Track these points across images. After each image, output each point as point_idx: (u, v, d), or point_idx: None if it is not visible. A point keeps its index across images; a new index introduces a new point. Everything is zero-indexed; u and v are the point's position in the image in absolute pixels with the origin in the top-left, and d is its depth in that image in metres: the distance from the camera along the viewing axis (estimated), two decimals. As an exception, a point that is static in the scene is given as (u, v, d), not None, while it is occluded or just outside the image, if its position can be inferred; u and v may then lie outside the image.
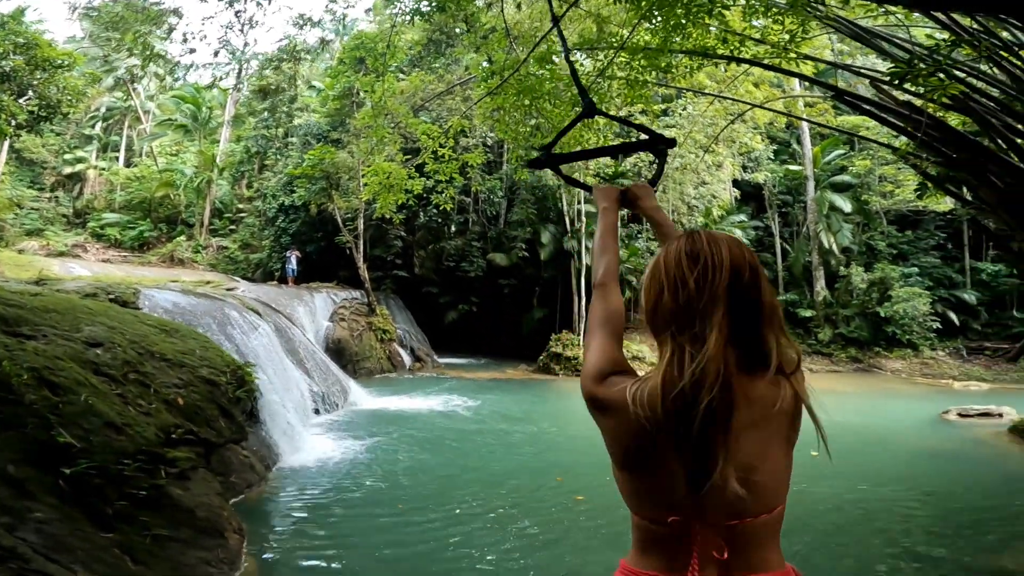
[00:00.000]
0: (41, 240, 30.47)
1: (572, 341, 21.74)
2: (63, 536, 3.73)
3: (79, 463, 4.27)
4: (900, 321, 22.05)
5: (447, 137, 11.47)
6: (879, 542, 6.60)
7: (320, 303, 20.04)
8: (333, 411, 13.27)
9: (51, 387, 4.81)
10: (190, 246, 31.03)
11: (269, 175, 29.98)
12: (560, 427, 12.56)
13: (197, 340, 8.48)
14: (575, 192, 22.83)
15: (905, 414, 14.57)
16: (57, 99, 14.99)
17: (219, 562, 4.80)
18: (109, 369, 6.00)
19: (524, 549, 6.29)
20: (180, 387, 6.83)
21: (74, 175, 36.58)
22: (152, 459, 5.08)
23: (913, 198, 22.80)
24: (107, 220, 33.20)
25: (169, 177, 32.75)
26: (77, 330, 6.37)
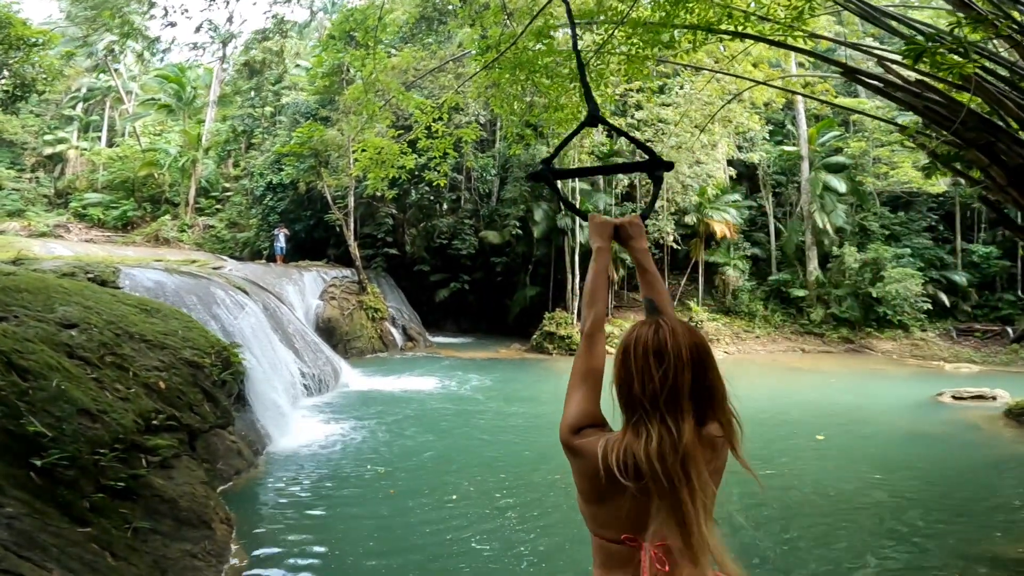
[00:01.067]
0: (22, 221, 29.93)
1: (565, 320, 21.62)
2: (35, 532, 3.49)
3: (51, 453, 4.01)
4: (892, 302, 22.07)
5: (441, 112, 11.13)
6: (870, 527, 6.55)
7: (309, 282, 19.71)
8: (324, 393, 13.06)
9: (20, 372, 4.51)
10: (175, 225, 30.67)
11: (256, 154, 29.60)
12: (555, 408, 12.42)
13: (180, 320, 8.18)
14: (568, 167, 22.59)
15: (897, 396, 14.58)
16: (32, 78, 14.63)
17: (206, 554, 4.59)
18: (84, 352, 5.70)
19: (518, 533, 6.17)
20: (161, 370, 6.54)
21: (55, 156, 36.03)
22: (131, 448, 4.83)
23: (907, 179, 22.88)
24: (89, 200, 32.72)
25: (152, 157, 32.28)
26: (50, 310, 6.05)
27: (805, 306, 23.99)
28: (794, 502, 7.22)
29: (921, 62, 5.73)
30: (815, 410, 12.80)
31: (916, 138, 7.84)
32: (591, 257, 1.72)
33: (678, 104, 20.48)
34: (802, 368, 19.33)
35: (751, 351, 22.31)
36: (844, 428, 11.17)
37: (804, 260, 24.68)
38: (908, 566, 5.62)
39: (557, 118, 9.84)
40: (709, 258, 24.84)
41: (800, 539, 6.15)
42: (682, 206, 23.96)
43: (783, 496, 7.40)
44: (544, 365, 19.27)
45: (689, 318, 23.07)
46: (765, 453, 9.38)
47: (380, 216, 24.02)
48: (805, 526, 6.49)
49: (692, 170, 23.35)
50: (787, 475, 8.23)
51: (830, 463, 8.91)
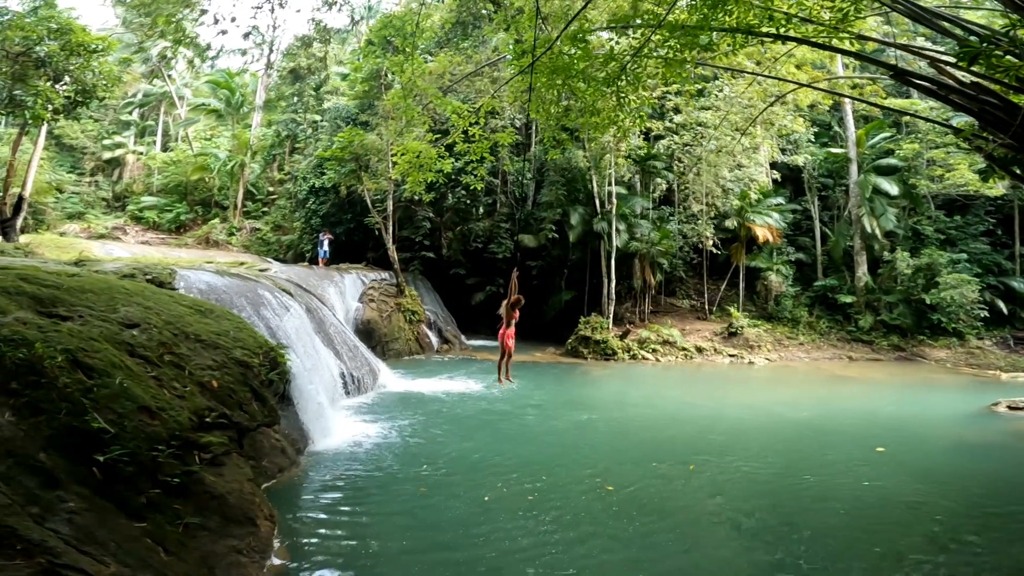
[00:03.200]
0: (82, 223, 31.65)
1: (601, 324, 21.51)
2: (94, 527, 3.67)
3: (112, 449, 4.23)
4: (947, 309, 21.16)
5: (478, 116, 11.28)
6: (917, 542, 6.34)
7: (350, 284, 20.14)
8: (363, 393, 13.34)
9: (85, 370, 4.78)
10: (224, 228, 31.94)
11: (299, 158, 30.58)
12: (589, 414, 12.40)
13: (231, 321, 8.49)
14: (605, 173, 22.65)
15: (950, 406, 14.01)
16: (92, 84, 15.09)
17: (250, 550, 4.76)
18: (144, 351, 5.97)
19: (549, 535, 6.19)
20: (214, 369, 6.78)
21: (113, 160, 37.88)
22: (185, 445, 5.03)
23: (963, 182, 21.97)
24: (145, 203, 34.39)
25: (203, 161, 33.68)
26: (114, 311, 6.38)
27: (853, 312, 23.19)
28: (835, 515, 7.03)
29: (976, 64, 5.57)
30: (868, 421, 12.40)
31: (972, 141, 7.54)
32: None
33: (718, 107, 20.12)
34: (850, 377, 18.71)
35: (794, 358, 21.70)
36: (898, 439, 10.75)
37: (852, 265, 23.88)
38: None
39: (593, 122, 9.85)
40: (750, 263, 24.29)
41: (839, 554, 5.98)
42: (722, 210, 23.55)
43: (821, 508, 7.24)
44: (580, 370, 19.20)
45: (728, 324, 22.65)
46: (822, 464, 9.20)
47: (418, 219, 24.38)
48: (846, 539, 6.33)
49: (733, 173, 23.01)
50: (842, 486, 8.05)
51: (886, 475, 8.61)
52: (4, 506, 3.28)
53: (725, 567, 5.73)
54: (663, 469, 8.79)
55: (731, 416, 12.78)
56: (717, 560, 5.85)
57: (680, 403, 14.47)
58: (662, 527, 6.54)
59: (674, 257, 24.03)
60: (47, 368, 4.38)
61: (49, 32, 13.87)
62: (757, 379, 18.71)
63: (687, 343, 21.76)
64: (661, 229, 23.58)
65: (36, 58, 13.86)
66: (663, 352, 21.21)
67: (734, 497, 7.71)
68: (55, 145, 35.67)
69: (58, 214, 31.63)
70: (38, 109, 14.08)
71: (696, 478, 8.35)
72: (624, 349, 20.97)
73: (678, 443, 10.47)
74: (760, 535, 6.47)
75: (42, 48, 13.81)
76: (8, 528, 3.17)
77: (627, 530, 6.39)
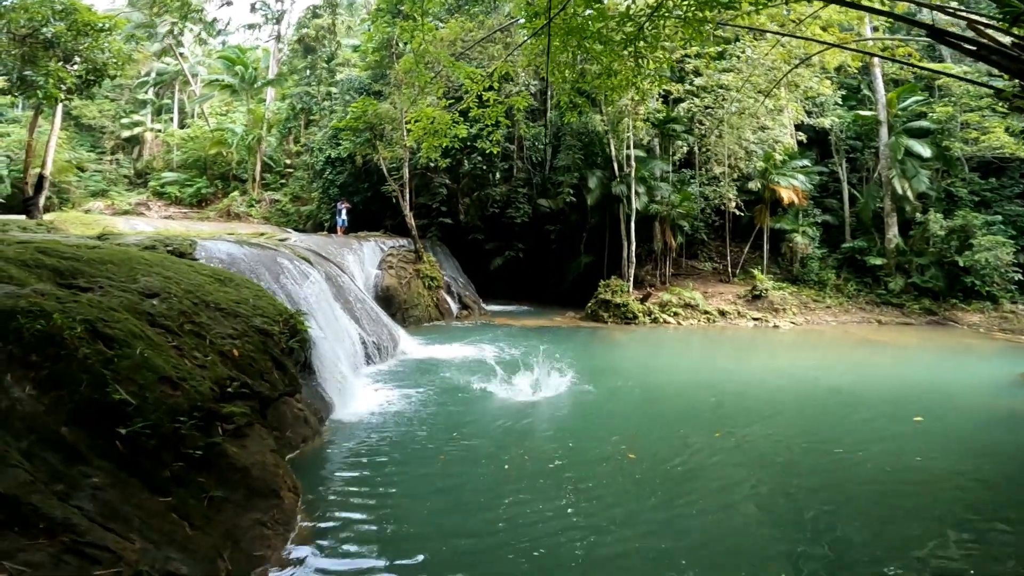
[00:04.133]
0: (106, 200, 32.64)
1: (621, 287, 21.33)
2: (118, 503, 3.63)
3: (134, 422, 4.17)
4: (980, 271, 20.52)
5: (491, 81, 10.98)
6: (936, 521, 6.04)
7: (368, 252, 20.10)
8: (384, 360, 13.36)
9: (105, 340, 4.71)
10: (244, 201, 32.57)
11: (315, 130, 30.91)
12: (610, 379, 12.28)
13: (250, 289, 8.44)
14: (623, 137, 22.17)
15: (983, 373, 13.62)
16: (103, 63, 15.26)
17: (274, 523, 4.73)
18: (165, 320, 5.91)
19: (572, 503, 6.10)
20: (234, 338, 6.73)
21: (132, 138, 38.65)
22: (208, 416, 4.98)
23: (999, 145, 21.30)
24: (166, 179, 35.21)
25: (220, 136, 34.30)
26: (133, 281, 6.33)
27: (882, 275, 22.59)
28: (853, 487, 6.85)
29: (1017, 25, 5.39)
30: (901, 387, 12.07)
31: (1012, 101, 7.13)
32: None
33: (740, 70, 19.39)
34: (880, 341, 18.28)
35: (820, 322, 21.30)
36: (932, 408, 10.38)
37: (882, 227, 23.16)
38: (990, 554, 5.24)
39: (610, 85, 9.50)
40: (775, 225, 23.69)
41: (860, 528, 5.83)
42: (745, 172, 23.03)
43: (839, 479, 7.09)
44: (600, 333, 19.07)
45: (752, 287, 22.27)
46: (855, 433, 8.96)
47: (434, 186, 24.28)
48: (866, 512, 6.13)
49: (756, 135, 22.48)
50: (877, 457, 7.79)
51: (923, 447, 8.31)
52: (26, 483, 3.23)
53: (750, 542, 5.57)
54: (687, 437, 8.63)
55: (757, 381, 12.56)
56: (741, 534, 5.70)
57: (704, 368, 14.29)
58: (684, 497, 6.41)
59: (695, 220, 23.63)
60: (67, 339, 4.31)
61: (54, 13, 13.93)
62: (783, 343, 18.40)
63: (709, 306, 21.45)
64: (682, 192, 23.07)
65: (44, 39, 13.94)
66: (685, 316, 20.96)
67: (762, 468, 7.51)
68: (74, 126, 36.52)
69: (82, 192, 32.63)
70: (50, 89, 14.22)
71: (721, 446, 8.19)
72: (645, 313, 20.76)
73: (702, 409, 10.31)
74: (790, 512, 6.29)
75: (48, 29, 13.84)
76: (31, 506, 3.12)
77: (648, 500, 6.28)
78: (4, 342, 3.99)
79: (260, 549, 4.56)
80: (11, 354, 3.94)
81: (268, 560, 4.56)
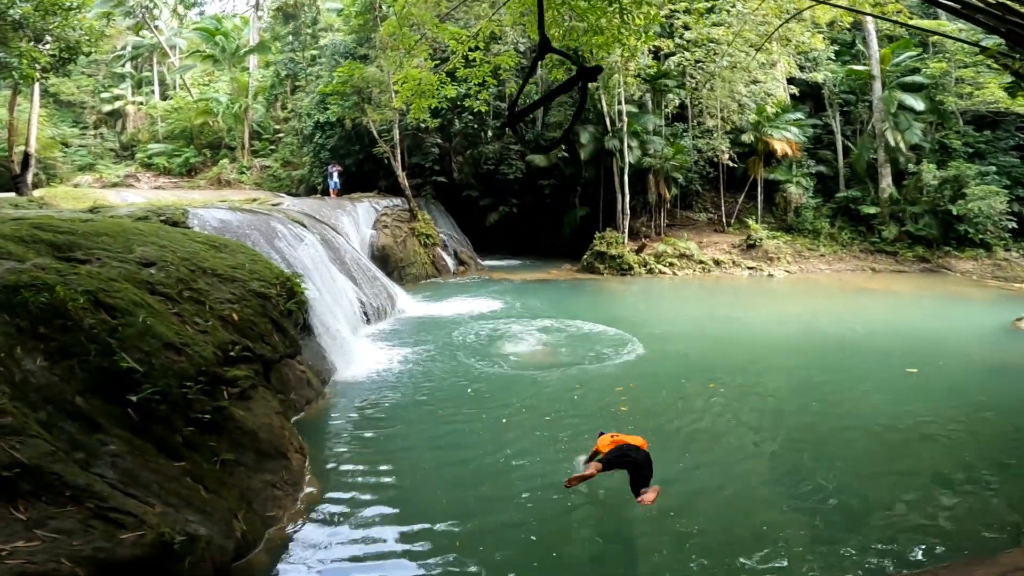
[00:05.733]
0: (93, 174, 32.24)
1: (616, 239, 21.54)
2: (137, 469, 3.78)
3: (144, 388, 4.31)
4: (973, 220, 20.67)
5: (477, 41, 10.87)
6: (928, 469, 6.20)
7: (363, 212, 20.04)
8: (382, 320, 13.52)
9: (108, 310, 4.81)
10: (234, 168, 32.38)
11: (302, 95, 30.58)
12: (606, 328, 12.46)
13: (245, 254, 8.50)
14: (615, 92, 22.10)
15: (976, 321, 13.81)
16: (76, 41, 15.26)
17: (284, 484, 4.93)
18: (164, 288, 6.00)
19: (566, 456, 6.23)
20: (233, 302, 6.81)
21: (114, 112, 38.06)
22: (213, 380, 5.13)
23: (993, 99, 21.37)
24: (153, 150, 34.81)
25: (205, 106, 33.96)
26: (129, 251, 6.39)
27: (876, 224, 22.69)
28: (842, 438, 7.04)
29: None
30: (894, 336, 12.23)
31: (998, 59, 7.05)
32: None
33: (730, 24, 19.08)
34: (874, 289, 18.51)
35: (815, 270, 21.53)
36: (925, 357, 10.50)
37: (876, 177, 23.22)
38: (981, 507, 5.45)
39: (597, 42, 9.44)
40: (769, 175, 23.66)
41: (850, 480, 6.05)
42: (738, 125, 23.10)
43: (831, 429, 7.28)
44: (596, 284, 19.28)
45: (747, 236, 22.45)
46: (849, 383, 9.12)
47: (426, 146, 24.29)
48: (851, 465, 6.29)
49: (749, 89, 22.52)
50: (872, 408, 7.92)
51: (889, 396, 8.49)
52: (49, 453, 3.36)
53: (744, 492, 5.76)
54: (681, 388, 8.84)
55: (751, 332, 12.77)
56: (729, 485, 5.81)
57: (699, 317, 14.47)
58: (678, 449, 6.59)
59: (689, 172, 23.67)
60: (71, 311, 4.41)
61: None
62: (777, 292, 18.64)
63: (704, 256, 21.65)
64: (675, 145, 23.00)
65: (12, 20, 13.78)
66: (680, 265, 21.19)
67: (752, 420, 7.69)
68: (53, 103, 35.85)
69: (68, 167, 32.26)
70: (25, 69, 14.17)
71: (717, 396, 8.36)
72: (640, 263, 20.98)
73: (696, 359, 10.50)
74: (785, 463, 6.45)
75: (16, 11, 13.69)
76: (55, 475, 3.26)
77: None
78: (11, 316, 4.08)
79: (272, 510, 4.78)
80: (19, 327, 4.04)
81: (280, 520, 4.76)
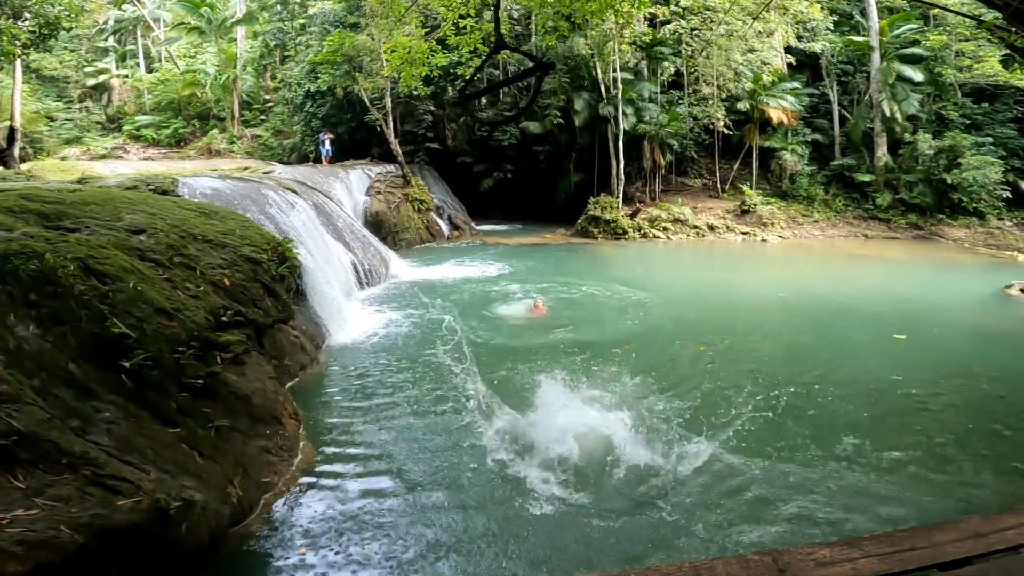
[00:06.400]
0: (81, 146, 31.80)
1: (610, 204, 21.55)
2: (132, 435, 3.80)
3: (136, 354, 4.33)
4: (968, 188, 20.69)
5: (467, 8, 10.65)
6: (915, 436, 6.21)
7: (356, 179, 19.89)
8: (375, 284, 13.55)
9: (98, 276, 4.80)
10: (224, 138, 32.08)
11: (292, 65, 30.22)
12: (598, 291, 12.53)
13: (236, 220, 8.46)
14: (609, 60, 21.94)
15: (966, 287, 13.92)
16: (56, 16, 15.15)
17: (279, 449, 4.99)
18: (154, 254, 5.98)
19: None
20: (224, 268, 6.80)
21: (99, 86, 37.45)
22: (205, 345, 5.15)
23: (992, 72, 21.45)
24: (141, 122, 34.37)
25: (192, 78, 33.51)
26: (118, 219, 6.35)
27: (871, 191, 22.74)
28: (831, 406, 7.07)
29: None
30: (884, 301, 12.30)
31: (995, 32, 6.97)
32: None
33: None
34: (866, 255, 18.60)
35: (808, 236, 21.63)
36: (915, 324, 10.55)
37: (871, 146, 23.23)
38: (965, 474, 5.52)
39: (590, 8, 9.32)
40: (764, 143, 23.57)
41: (847, 446, 6.11)
42: (734, 93, 23.07)
43: (817, 396, 7.32)
44: (590, 248, 19.37)
45: (741, 202, 22.55)
46: (840, 347, 9.18)
47: (419, 114, 24.18)
48: (844, 431, 6.31)
49: (745, 57, 22.55)
50: (865, 373, 7.95)
51: (879, 362, 8.53)
52: (44, 420, 3.37)
53: (725, 455, 5.77)
54: (672, 349, 8.89)
55: (742, 295, 12.85)
56: (725, 446, 5.80)
57: (692, 281, 14.56)
58: (672, 410, 6.59)
59: (684, 138, 23.54)
60: (62, 277, 4.41)
61: None
62: (770, 257, 18.76)
63: (699, 221, 21.69)
64: (670, 112, 22.78)
65: None
66: (674, 230, 21.26)
67: (740, 384, 7.63)
68: (36, 78, 35.24)
69: (55, 141, 31.81)
70: (5, 46, 14.06)
71: (705, 360, 8.42)
72: (635, 228, 21.03)
73: (691, 321, 10.58)
74: (776, 431, 6.36)
75: None
76: (52, 443, 3.29)
77: (650, 391, 6.72)
78: (2, 284, 4.06)
79: (267, 475, 4.85)
80: (11, 295, 4.03)
81: (275, 486, 4.83)
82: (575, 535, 4.45)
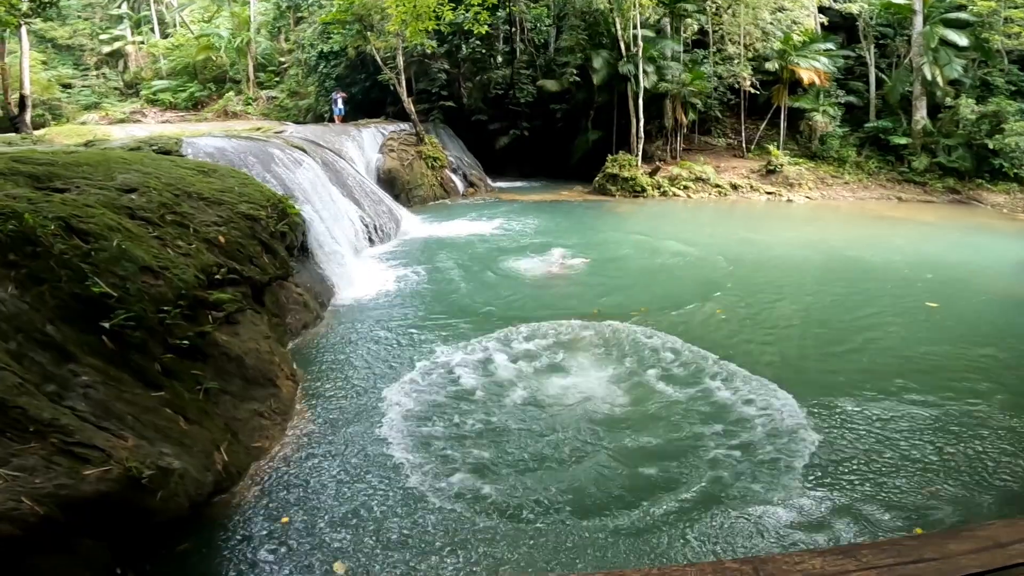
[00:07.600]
0: (100, 112, 32.17)
1: (629, 162, 20.97)
2: (110, 400, 3.63)
3: (117, 314, 4.15)
4: (1010, 154, 19.75)
5: None
6: (941, 408, 5.83)
7: (368, 137, 19.57)
8: (386, 241, 13.35)
9: (81, 235, 4.61)
10: (240, 100, 32.42)
11: (305, 26, 30.10)
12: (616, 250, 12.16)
13: (236, 178, 8.21)
14: (629, 16, 20.88)
15: (1001, 254, 13.17)
16: None
17: (272, 413, 4.80)
18: (145, 212, 5.76)
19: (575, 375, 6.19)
20: (219, 225, 6.55)
21: (114, 52, 37.73)
22: (194, 304, 4.95)
23: None
24: (157, 87, 34.80)
25: (207, 42, 33.70)
26: (110, 179, 6.14)
27: (907, 154, 21.74)
28: (854, 371, 6.78)
29: None
30: (917, 264, 11.68)
31: None
32: None
33: None
34: (898, 217, 17.78)
35: (837, 197, 20.85)
36: (948, 290, 10.02)
37: (909, 110, 22.11)
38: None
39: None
40: (794, 104, 22.54)
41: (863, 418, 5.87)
42: (761, 52, 22.24)
43: (839, 362, 6.99)
44: (607, 206, 18.92)
45: (767, 162, 21.81)
46: (869, 314, 8.77)
47: (433, 72, 23.81)
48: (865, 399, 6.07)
49: (774, 16, 21.79)
50: (850, 342, 7.61)
51: (908, 331, 8.12)
52: (15, 386, 3.21)
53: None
54: (685, 311, 8.52)
55: (764, 258, 12.28)
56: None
57: (712, 239, 13.86)
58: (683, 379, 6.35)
59: (708, 97, 22.59)
60: (41, 237, 4.25)
61: None
62: (795, 217, 18.08)
63: (721, 180, 20.97)
64: (694, 71, 21.81)
65: None
66: (695, 189, 20.63)
67: (763, 351, 7.24)
68: (51, 47, 35.59)
69: (74, 107, 32.24)
70: (3, 16, 14.04)
71: (725, 324, 8.03)
72: (654, 186, 20.46)
73: (702, 282, 10.13)
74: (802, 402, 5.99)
75: None
76: (19, 409, 3.13)
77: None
78: None
79: (258, 440, 4.70)
80: None
81: (267, 451, 4.67)
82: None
